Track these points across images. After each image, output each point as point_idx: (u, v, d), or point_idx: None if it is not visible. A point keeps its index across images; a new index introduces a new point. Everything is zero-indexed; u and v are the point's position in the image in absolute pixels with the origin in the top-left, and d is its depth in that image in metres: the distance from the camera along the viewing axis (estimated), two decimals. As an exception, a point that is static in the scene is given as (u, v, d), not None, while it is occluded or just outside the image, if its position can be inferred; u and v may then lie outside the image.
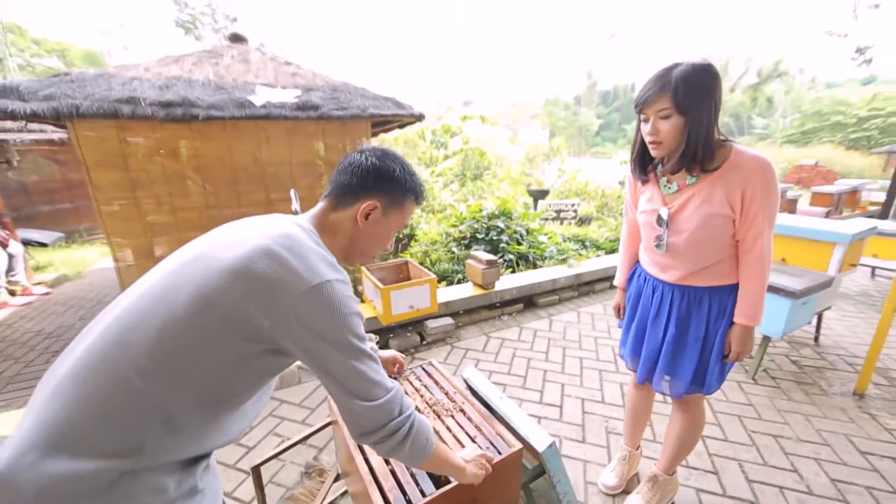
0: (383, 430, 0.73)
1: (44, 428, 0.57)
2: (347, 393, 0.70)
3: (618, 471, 1.64)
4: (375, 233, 0.86)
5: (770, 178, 1.06)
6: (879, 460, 1.77)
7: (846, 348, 2.71)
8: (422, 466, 0.84)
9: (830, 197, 5.70)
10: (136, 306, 0.65)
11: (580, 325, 3.14)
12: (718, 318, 1.23)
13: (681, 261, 1.23)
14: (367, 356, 0.73)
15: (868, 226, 2.51)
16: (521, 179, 9.73)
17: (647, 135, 1.12)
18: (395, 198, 0.84)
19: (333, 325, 0.68)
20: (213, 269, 0.65)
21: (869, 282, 4.05)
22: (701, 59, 1.04)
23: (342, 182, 0.82)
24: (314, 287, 0.66)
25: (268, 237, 0.69)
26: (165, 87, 2.94)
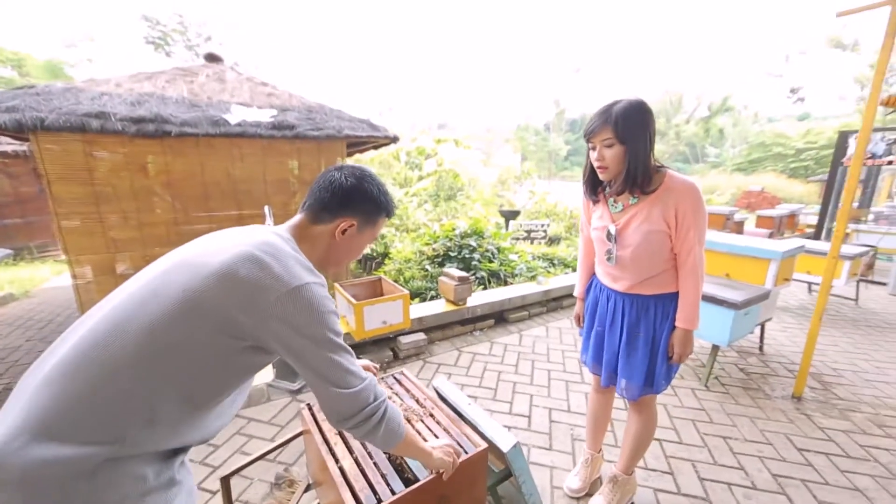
0: (360, 415, 0.80)
1: (32, 417, 0.60)
2: (326, 382, 0.77)
3: (581, 474, 1.72)
4: (350, 247, 0.93)
5: (697, 199, 1.23)
6: (814, 456, 1.94)
7: (787, 356, 2.96)
8: (394, 450, 0.90)
9: (773, 220, 6.23)
10: (124, 306, 0.69)
11: (548, 339, 3.26)
12: (662, 322, 1.37)
13: (628, 272, 1.37)
14: (343, 349, 0.80)
15: (797, 245, 2.80)
16: (493, 200, 10.03)
17: (594, 161, 1.28)
18: (370, 216, 0.92)
19: (312, 322, 0.74)
20: (198, 273, 0.70)
21: (807, 296, 4.43)
22: (636, 98, 1.21)
23: (322, 199, 0.87)
24: (294, 289, 0.73)
25: (250, 244, 0.75)
26: (137, 103, 2.93)
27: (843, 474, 1.82)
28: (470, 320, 3.45)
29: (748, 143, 23.26)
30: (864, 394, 2.48)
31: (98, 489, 0.60)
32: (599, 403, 1.70)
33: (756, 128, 24.99)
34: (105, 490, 0.61)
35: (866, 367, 2.83)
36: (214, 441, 2.01)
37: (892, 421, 2.22)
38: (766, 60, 20.87)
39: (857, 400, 2.42)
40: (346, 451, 1.14)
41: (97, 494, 0.60)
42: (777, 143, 21.14)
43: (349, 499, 0.97)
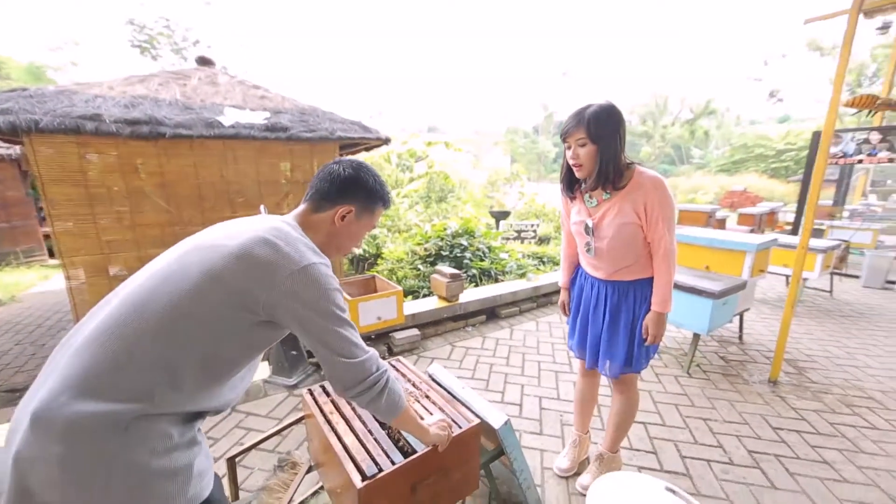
0: (364, 384, 0.88)
1: (72, 378, 0.67)
2: (333, 352, 0.84)
3: (570, 455, 1.81)
4: (349, 232, 1.00)
5: (663, 192, 1.34)
6: (787, 433, 2.06)
7: (764, 344, 3.10)
8: (394, 422, 0.98)
9: (754, 217, 6.45)
10: (148, 284, 0.77)
11: (538, 333, 3.36)
12: (641, 305, 1.48)
13: (606, 261, 1.49)
14: (348, 324, 0.87)
15: (770, 238, 2.95)
16: (483, 202, 10.15)
17: (570, 159, 1.39)
18: (368, 204, 1.00)
19: (320, 298, 0.82)
20: (217, 253, 0.79)
21: (784, 289, 4.62)
22: (607, 102, 1.32)
23: (322, 189, 0.96)
24: (303, 268, 0.81)
25: (262, 230, 0.84)
26: (131, 106, 2.96)
27: (812, 449, 1.95)
28: (462, 316, 3.53)
29: (731, 145, 23.86)
30: (835, 377, 2.63)
31: (130, 442, 0.67)
32: (586, 386, 1.79)
33: (738, 130, 25.67)
34: (136, 443, 0.68)
35: (838, 353, 2.99)
36: (213, 434, 2.06)
37: (860, 401, 2.36)
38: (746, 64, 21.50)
39: (828, 383, 2.56)
40: (348, 429, 1.21)
41: (130, 447, 0.67)
42: (759, 144, 21.73)
43: (352, 469, 1.04)
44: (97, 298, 0.84)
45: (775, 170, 20.56)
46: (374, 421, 1.27)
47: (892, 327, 3.51)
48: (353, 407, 1.33)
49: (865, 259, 4.79)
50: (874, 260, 4.68)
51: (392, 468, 1.04)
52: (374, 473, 1.02)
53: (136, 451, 0.67)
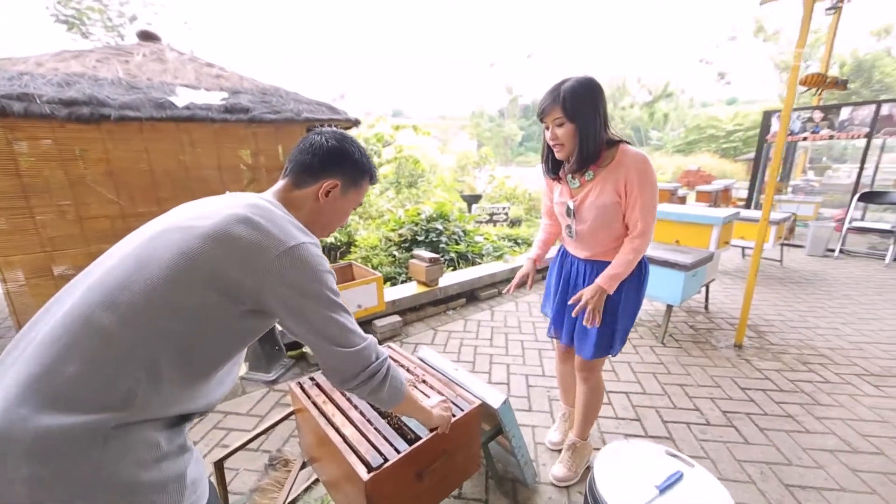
0: (363, 374, 0.81)
1: (32, 386, 0.57)
2: (328, 342, 0.77)
3: (561, 428, 1.85)
4: (334, 209, 0.93)
5: (643, 171, 1.26)
6: (754, 392, 2.21)
7: (728, 312, 3.30)
8: (396, 409, 0.94)
9: (710, 194, 6.82)
10: (117, 271, 0.67)
11: (518, 314, 3.40)
12: (620, 287, 1.44)
13: (587, 244, 1.46)
14: (343, 309, 0.80)
15: (733, 212, 3.11)
16: (453, 186, 10.09)
17: (549, 140, 1.33)
18: (354, 178, 0.92)
19: (310, 281, 0.75)
20: (191, 235, 0.69)
21: (741, 261, 4.94)
22: (584, 76, 1.24)
23: (304, 161, 0.87)
24: (290, 248, 0.73)
25: (239, 207, 0.75)
26: (66, 84, 2.64)
27: (777, 405, 2.10)
28: (442, 300, 3.51)
29: (685, 127, 25.02)
30: (790, 338, 2.85)
31: (111, 457, 0.59)
32: (564, 369, 1.81)
33: (692, 112, 26.89)
34: (118, 457, 0.59)
35: (791, 316, 3.24)
36: (192, 436, 1.94)
37: (814, 359, 2.57)
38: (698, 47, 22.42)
39: (785, 344, 2.77)
40: (346, 420, 1.16)
41: (111, 462, 0.59)
42: (710, 125, 22.89)
43: (356, 462, 1.00)
44: (42, 301, 0.73)
45: (725, 150, 21.80)
46: (371, 409, 1.22)
47: (833, 291, 3.84)
48: (347, 397, 1.28)
49: (809, 230, 5.20)
50: (817, 231, 5.09)
51: (397, 457, 1.01)
52: (380, 464, 0.98)
53: (119, 466, 0.59)
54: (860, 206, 5.44)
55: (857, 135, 4.96)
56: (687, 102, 27.85)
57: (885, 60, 17.96)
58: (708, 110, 26.61)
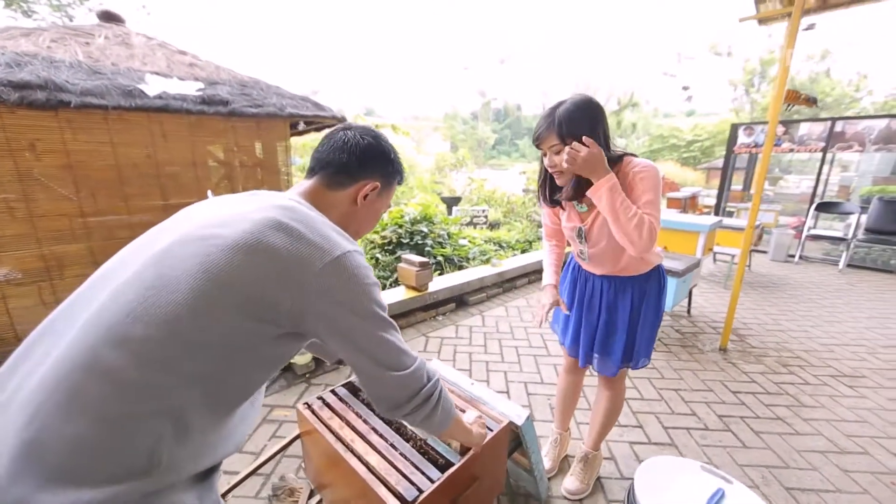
0: (417, 398, 0.72)
1: (27, 453, 0.44)
2: (379, 365, 0.68)
3: (551, 454, 1.74)
4: (370, 213, 0.85)
5: (645, 174, 1.17)
6: (744, 396, 2.28)
7: (709, 316, 3.43)
8: (444, 433, 0.85)
9: (680, 201, 7.12)
10: (125, 296, 0.54)
11: (509, 318, 3.37)
12: (641, 300, 1.42)
13: (604, 264, 1.41)
14: (392, 326, 0.72)
15: (717, 220, 3.24)
16: (432, 187, 10.01)
17: (548, 166, 1.25)
18: (390, 179, 0.85)
19: (359, 296, 0.65)
20: (215, 246, 0.58)
21: (713, 266, 5.17)
22: (581, 96, 1.16)
23: (339, 160, 0.78)
24: (336, 259, 0.63)
25: (270, 210, 0.64)
26: (16, 65, 2.34)
27: (767, 408, 2.18)
28: (431, 305, 3.42)
29: (650, 136, 26.24)
30: (768, 341, 2.98)
31: None
32: (570, 384, 1.71)
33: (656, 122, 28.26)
34: None
35: (766, 319, 3.40)
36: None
37: (793, 361, 2.70)
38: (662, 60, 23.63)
39: (765, 347, 2.89)
40: (368, 447, 1.05)
41: None
42: (672, 135, 24.17)
43: (387, 496, 0.90)
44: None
45: (686, 158, 23.07)
46: (392, 432, 1.13)
47: (799, 295, 4.09)
48: (363, 418, 1.17)
49: (772, 237, 5.53)
50: (779, 237, 5.42)
51: (432, 487, 0.92)
52: (415, 497, 0.89)
53: None
54: (813, 214, 5.86)
55: (814, 148, 5.34)
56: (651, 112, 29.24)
57: (824, 81, 19.62)
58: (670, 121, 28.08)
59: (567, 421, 1.80)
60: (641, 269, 1.41)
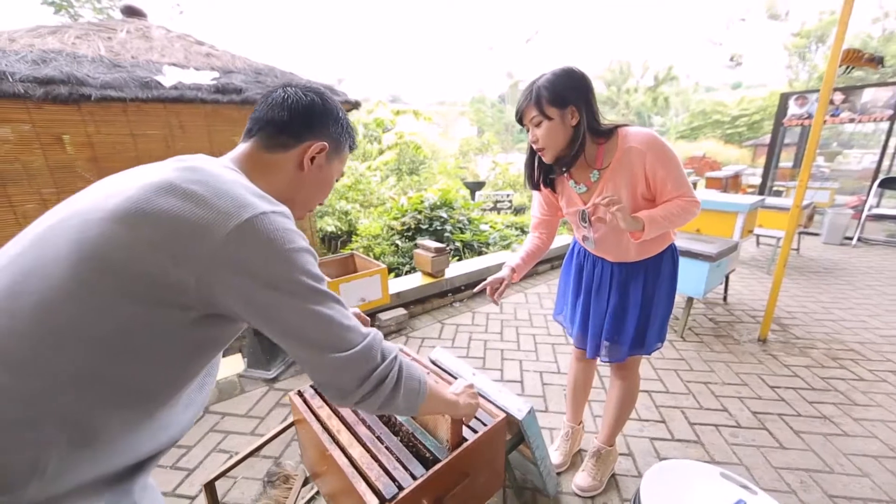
0: (369, 382, 0.60)
1: None
2: (316, 347, 0.57)
3: (562, 448, 1.65)
4: (319, 180, 0.75)
5: (659, 147, 1.08)
6: (784, 391, 2.08)
7: (748, 304, 3.16)
8: (421, 410, 0.74)
9: (721, 181, 6.62)
10: None
11: (528, 305, 3.26)
12: (654, 281, 1.30)
13: (611, 250, 1.29)
14: (330, 298, 0.59)
15: (758, 199, 2.94)
16: (456, 172, 9.87)
17: (531, 142, 1.15)
18: (338, 142, 0.75)
19: (278, 266, 0.53)
20: (93, 220, 0.49)
21: (755, 249, 4.78)
22: (563, 67, 1.07)
23: (279, 120, 0.68)
24: (245, 222, 0.51)
25: (166, 172, 0.54)
26: (42, 62, 2.43)
27: (811, 405, 1.97)
28: (449, 291, 3.36)
29: (689, 112, 24.56)
30: (816, 332, 2.71)
31: None
32: (581, 372, 1.62)
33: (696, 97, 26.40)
34: None
35: (815, 308, 3.09)
36: (186, 441, 1.80)
37: (844, 354, 2.43)
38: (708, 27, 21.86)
39: (812, 338, 2.63)
40: (353, 438, 1.01)
41: None
42: (715, 111, 22.48)
43: (365, 491, 0.86)
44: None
45: (730, 135, 21.45)
46: (381, 424, 1.08)
47: (856, 281, 3.69)
48: (353, 409, 1.13)
49: (826, 217, 5.02)
50: (834, 218, 4.92)
51: (413, 484, 0.86)
52: (394, 494, 0.84)
53: None
54: (877, 192, 5.25)
55: (879, 117, 4.75)
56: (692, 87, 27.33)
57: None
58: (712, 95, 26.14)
59: (579, 413, 1.69)
60: (653, 249, 1.28)
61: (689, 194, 1.13)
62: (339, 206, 5.77)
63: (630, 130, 1.12)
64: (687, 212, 1.13)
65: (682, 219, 1.13)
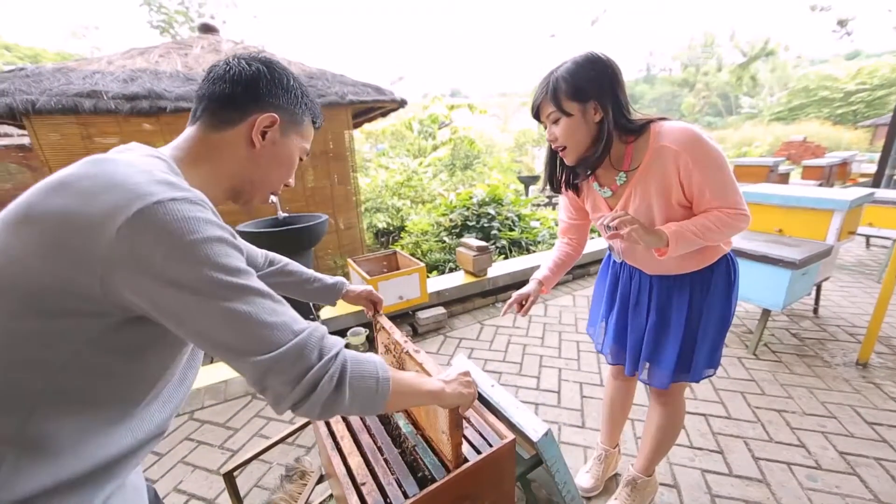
0: (301, 387, 0.52)
1: None
2: (232, 351, 0.50)
3: (594, 472, 1.51)
4: (276, 157, 0.68)
5: (696, 147, 0.92)
6: (887, 430, 1.71)
7: (846, 318, 2.66)
8: (389, 407, 0.65)
9: (822, 170, 5.66)
10: None
11: (576, 309, 3.07)
12: (703, 295, 1.12)
13: (645, 262, 1.15)
14: (250, 291, 0.51)
15: (866, 192, 2.44)
16: (511, 166, 9.63)
17: (549, 140, 1.02)
18: (293, 114, 0.68)
19: (178, 260, 0.46)
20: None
21: (864, 252, 4.02)
22: (584, 54, 0.94)
23: (220, 93, 0.62)
24: (136, 214, 0.44)
25: (66, 169, 0.49)
26: (130, 80, 2.78)
27: (924, 450, 1.60)
28: (491, 292, 3.28)
29: (788, 90, 21.36)
30: (941, 358, 2.20)
31: None
32: (619, 391, 1.47)
33: (798, 72, 22.87)
34: None
35: (942, 327, 2.51)
36: (233, 423, 1.97)
37: (980, 388, 1.94)
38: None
39: (933, 365, 2.14)
40: (354, 446, 1.01)
41: None
42: (823, 86, 19.34)
43: (355, 502, 0.84)
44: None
45: (842, 115, 18.34)
46: (384, 433, 1.06)
47: None
48: (361, 416, 1.13)
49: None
50: (980, 213, 3.94)
51: (404, 503, 0.84)
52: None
53: None
54: None
55: None
56: (792, 61, 23.72)
57: None
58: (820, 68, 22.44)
59: (616, 436, 1.54)
60: (702, 262, 1.10)
61: (735, 205, 0.95)
62: (392, 202, 5.92)
63: (665, 126, 0.96)
64: (729, 226, 0.95)
65: (722, 234, 0.96)
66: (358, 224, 3.82)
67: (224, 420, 1.99)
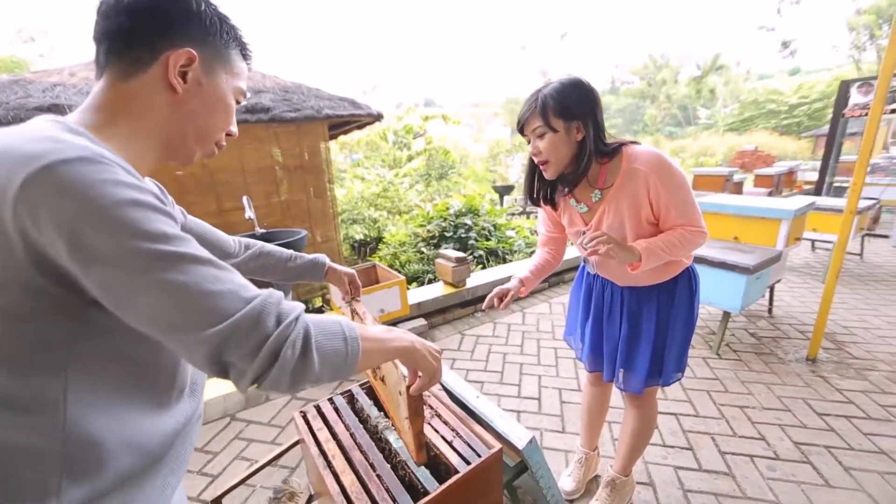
0: (261, 359, 0.45)
1: None
2: (180, 329, 0.43)
3: (575, 475, 1.58)
4: (206, 100, 0.57)
5: (663, 170, 1.03)
6: (834, 420, 1.87)
7: (796, 317, 2.89)
8: (360, 368, 0.57)
9: (771, 178, 6.11)
10: None
11: (552, 316, 3.17)
12: (668, 306, 1.22)
13: (617, 274, 1.24)
14: (185, 259, 0.44)
15: (808, 202, 2.68)
16: (485, 176, 9.82)
17: (532, 154, 1.10)
18: (215, 47, 0.56)
19: (91, 231, 0.39)
20: None
21: (810, 254, 4.36)
22: (570, 77, 1.03)
23: (119, 29, 0.51)
24: (23, 184, 0.38)
25: None
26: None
27: (866, 437, 1.76)
28: (470, 302, 3.34)
29: (740, 102, 22.92)
30: (878, 351, 2.42)
31: None
32: (596, 397, 1.55)
33: (748, 86, 24.60)
34: None
35: (878, 323, 2.77)
36: (212, 447, 1.91)
37: (911, 377, 2.16)
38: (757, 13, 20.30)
39: (872, 358, 2.35)
40: (346, 464, 1.02)
41: None
42: (769, 99, 20.88)
43: (351, 520, 0.86)
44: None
45: (787, 126, 19.82)
46: (375, 450, 1.08)
47: (931, 290, 3.27)
48: (350, 431, 1.14)
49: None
50: (906, 218, 4.38)
51: (399, 518, 0.86)
52: (377, 528, 0.84)
53: None
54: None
55: (962, 104, 4.18)
56: (742, 75, 25.50)
57: None
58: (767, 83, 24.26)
59: (594, 439, 1.62)
60: (666, 274, 1.20)
61: (694, 223, 1.06)
62: (368, 213, 5.91)
63: (636, 150, 1.06)
64: (690, 242, 1.06)
65: (685, 250, 1.07)
66: (336, 237, 3.80)
67: (202, 444, 1.93)
